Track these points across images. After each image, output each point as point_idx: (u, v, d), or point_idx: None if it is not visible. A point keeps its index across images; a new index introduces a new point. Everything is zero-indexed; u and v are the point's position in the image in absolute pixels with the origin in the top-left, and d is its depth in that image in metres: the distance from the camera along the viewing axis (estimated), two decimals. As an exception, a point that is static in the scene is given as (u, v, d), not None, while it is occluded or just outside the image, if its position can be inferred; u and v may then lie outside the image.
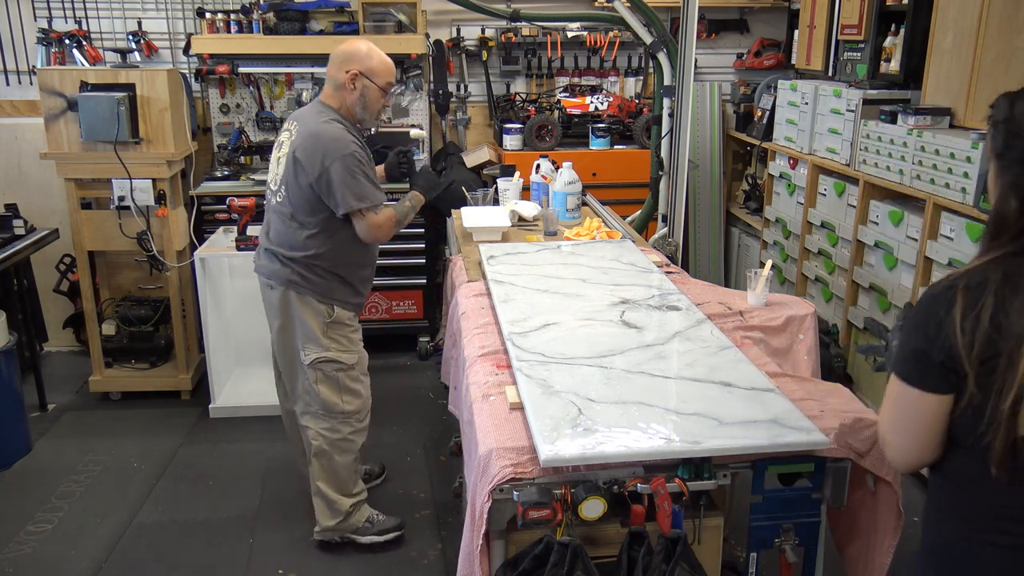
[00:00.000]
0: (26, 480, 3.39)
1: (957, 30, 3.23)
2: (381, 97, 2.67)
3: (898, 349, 1.35)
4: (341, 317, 2.74)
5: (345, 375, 2.75)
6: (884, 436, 1.39)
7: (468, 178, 4.44)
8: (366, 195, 2.57)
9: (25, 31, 4.55)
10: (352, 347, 2.78)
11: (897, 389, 1.34)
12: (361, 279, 2.81)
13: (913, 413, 1.32)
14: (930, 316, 1.27)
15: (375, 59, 2.62)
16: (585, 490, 1.57)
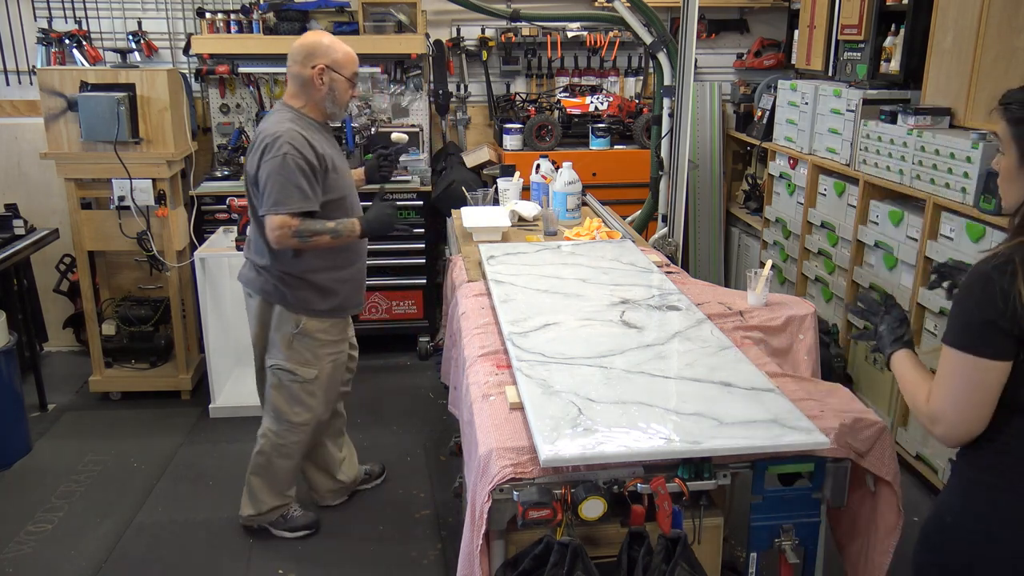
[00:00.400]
0: (26, 480, 3.39)
1: (957, 30, 3.23)
2: (350, 88, 2.66)
3: (959, 324, 1.42)
4: (309, 329, 2.71)
5: (300, 387, 2.76)
6: (939, 413, 1.44)
7: (468, 178, 4.44)
8: (282, 198, 2.48)
9: (25, 31, 4.55)
10: (315, 362, 2.75)
11: (961, 362, 1.40)
12: (335, 280, 2.73)
13: (980, 383, 1.39)
14: (995, 289, 1.36)
15: (339, 51, 2.61)
16: (585, 490, 1.57)
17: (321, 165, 2.56)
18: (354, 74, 2.66)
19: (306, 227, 2.52)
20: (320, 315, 2.72)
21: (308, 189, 2.51)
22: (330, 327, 2.77)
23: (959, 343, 1.41)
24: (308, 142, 2.52)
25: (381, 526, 3.06)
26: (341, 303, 2.77)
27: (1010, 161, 1.45)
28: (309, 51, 2.59)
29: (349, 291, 2.79)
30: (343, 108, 2.70)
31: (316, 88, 2.60)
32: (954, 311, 1.44)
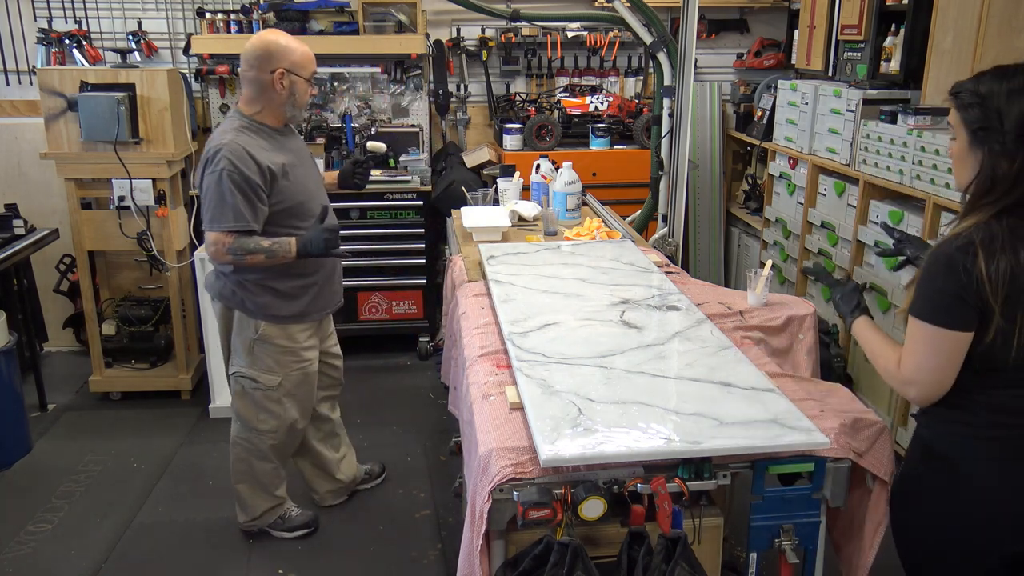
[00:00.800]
0: (26, 480, 3.39)
1: (957, 30, 3.23)
2: (309, 88, 2.62)
3: (927, 300, 1.59)
4: (269, 335, 2.65)
5: (263, 395, 2.71)
6: (913, 378, 1.63)
7: (468, 178, 4.44)
8: (217, 215, 2.45)
9: (25, 31, 4.55)
10: (278, 369, 2.69)
11: (931, 334, 1.58)
12: (297, 287, 2.66)
13: (947, 351, 1.59)
14: (959, 267, 1.54)
15: (297, 51, 2.55)
16: (585, 490, 1.57)
17: (266, 178, 2.48)
18: (313, 74, 2.62)
19: (240, 245, 2.46)
20: (281, 321, 2.66)
21: (244, 207, 2.44)
22: (296, 333, 2.70)
23: (929, 317, 1.59)
24: (249, 155, 2.45)
25: (381, 526, 3.06)
26: (305, 309, 2.70)
27: (961, 144, 1.63)
28: (266, 54, 2.51)
29: (315, 296, 2.72)
30: (303, 108, 2.65)
31: (276, 93, 2.53)
32: (921, 287, 1.61)
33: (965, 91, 1.62)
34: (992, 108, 1.57)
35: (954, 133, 1.65)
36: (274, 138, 2.60)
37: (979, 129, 1.59)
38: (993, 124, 1.57)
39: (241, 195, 2.43)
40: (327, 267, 2.74)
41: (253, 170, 2.44)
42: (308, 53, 2.60)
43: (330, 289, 2.80)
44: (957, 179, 1.68)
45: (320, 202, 2.69)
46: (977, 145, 1.60)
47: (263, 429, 2.76)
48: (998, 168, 1.56)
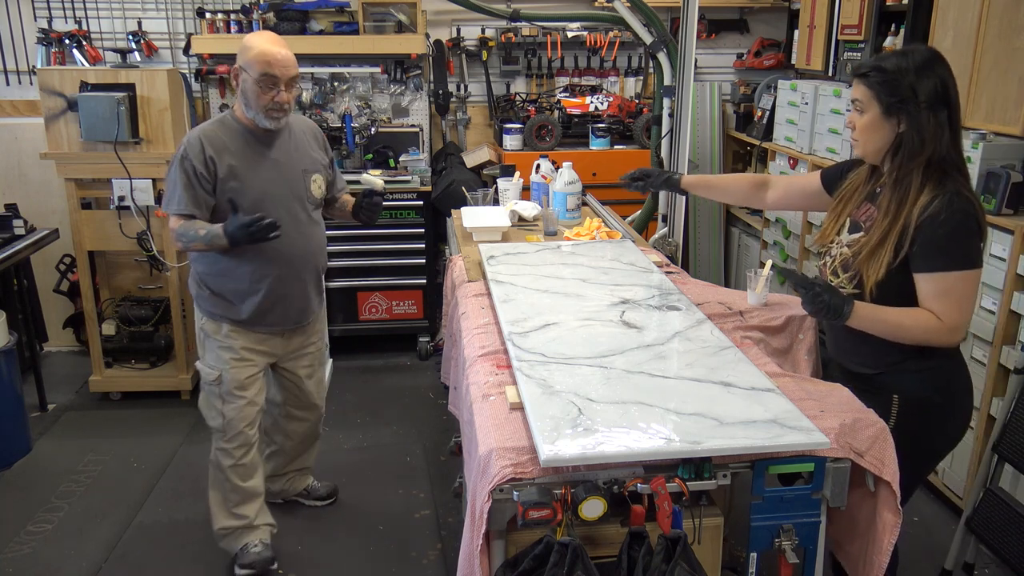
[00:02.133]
0: (26, 480, 3.39)
1: (957, 31, 3.23)
2: (260, 90, 2.46)
3: (962, 250, 1.85)
4: (208, 329, 2.66)
5: (207, 389, 2.70)
6: (960, 324, 1.88)
7: (468, 178, 4.44)
8: (169, 198, 2.53)
9: (25, 31, 4.56)
10: (216, 364, 2.67)
11: (971, 279, 1.87)
12: (232, 292, 2.62)
13: (976, 288, 1.91)
14: (976, 216, 1.87)
15: (252, 50, 2.47)
16: (585, 490, 1.57)
17: (210, 169, 2.49)
18: (262, 75, 2.45)
19: (183, 229, 2.49)
20: (216, 319, 2.66)
21: (184, 192, 2.49)
22: (233, 334, 2.65)
23: (969, 264, 1.86)
24: (203, 146, 2.48)
25: (381, 526, 3.06)
26: (246, 318, 2.63)
27: (873, 115, 1.92)
28: (239, 52, 2.53)
29: (258, 309, 2.63)
30: (261, 112, 2.50)
31: (237, 90, 2.54)
32: (945, 244, 1.84)
33: (874, 71, 1.90)
34: (905, 84, 1.86)
35: (864, 107, 1.93)
36: (245, 137, 2.56)
37: (896, 102, 1.87)
38: (908, 96, 1.86)
39: (185, 180, 2.48)
40: (278, 282, 2.62)
41: (198, 161, 2.47)
42: (265, 53, 2.45)
43: (284, 306, 2.68)
44: (865, 147, 1.97)
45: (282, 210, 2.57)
46: (891, 116, 1.89)
47: (213, 427, 2.73)
48: (922, 131, 1.87)
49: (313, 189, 2.70)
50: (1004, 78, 3.00)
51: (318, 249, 2.77)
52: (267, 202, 2.55)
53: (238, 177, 2.53)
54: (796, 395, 1.84)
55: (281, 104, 2.49)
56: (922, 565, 2.81)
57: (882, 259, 1.90)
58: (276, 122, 2.53)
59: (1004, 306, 2.81)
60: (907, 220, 1.88)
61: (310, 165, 2.70)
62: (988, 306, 2.88)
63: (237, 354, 2.66)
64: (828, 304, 1.90)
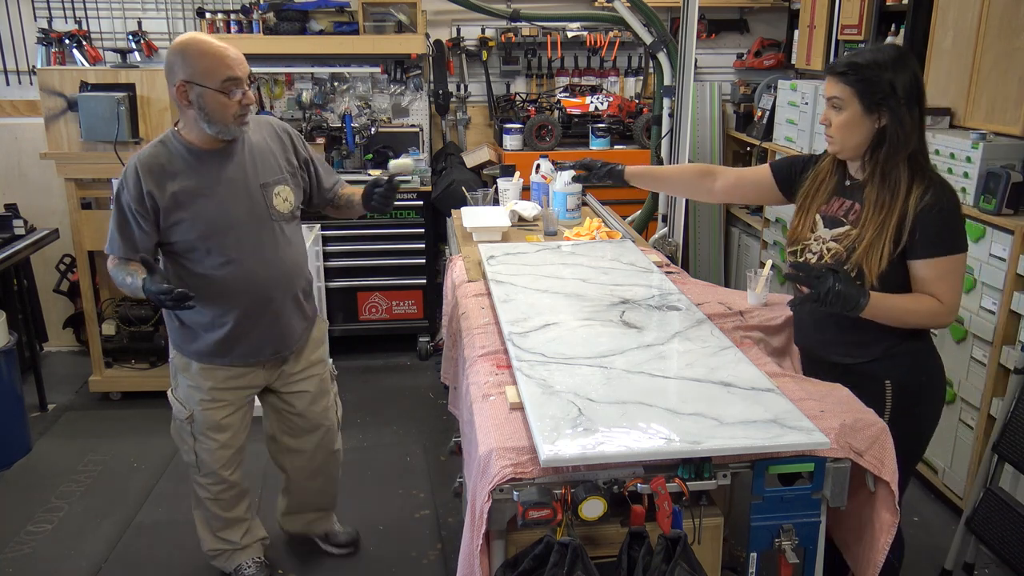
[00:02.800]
0: (26, 480, 3.39)
1: (957, 30, 3.23)
2: (226, 99, 2.15)
3: (956, 234, 1.94)
4: (178, 364, 2.44)
5: (178, 424, 2.50)
6: (956, 306, 1.96)
7: (468, 178, 4.44)
8: (109, 235, 2.30)
9: (25, 31, 4.56)
10: (186, 402, 2.46)
11: (962, 261, 1.95)
12: (198, 324, 2.36)
13: (964, 273, 1.99)
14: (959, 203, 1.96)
15: (198, 58, 2.12)
16: (585, 490, 1.57)
17: (145, 205, 2.21)
18: (226, 79, 2.14)
19: (115, 272, 2.28)
20: (185, 354, 2.42)
21: (116, 232, 2.26)
22: (203, 373, 2.41)
23: (963, 247, 1.94)
24: (139, 178, 2.21)
25: (381, 526, 3.06)
26: (212, 352, 2.38)
27: (853, 112, 1.94)
28: (169, 64, 2.16)
29: (228, 339, 2.36)
30: (229, 122, 2.19)
31: (186, 109, 2.19)
32: (949, 230, 1.92)
33: (846, 66, 1.94)
34: (884, 80, 1.90)
35: (842, 104, 1.96)
36: (188, 160, 2.26)
37: (878, 98, 1.91)
38: (887, 92, 1.90)
39: (118, 218, 2.25)
40: (244, 316, 2.35)
41: (134, 195, 2.21)
42: (220, 57, 2.14)
43: (254, 339, 2.40)
44: (844, 144, 1.99)
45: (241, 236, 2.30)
46: (872, 112, 1.93)
47: (186, 460, 2.55)
48: (904, 125, 1.91)
49: (277, 204, 2.37)
50: (1004, 78, 3.00)
51: (293, 270, 2.45)
52: (220, 231, 2.27)
53: (184, 206, 2.23)
54: (796, 395, 1.84)
55: (249, 104, 2.21)
56: (922, 565, 2.81)
57: (883, 251, 1.94)
58: (246, 127, 2.26)
59: (1004, 306, 2.81)
60: (903, 212, 1.92)
61: (271, 177, 2.36)
62: (988, 306, 2.88)
63: (207, 395, 2.43)
64: (844, 296, 1.87)
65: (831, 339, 2.08)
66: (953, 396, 3.07)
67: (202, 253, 2.29)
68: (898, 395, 2.01)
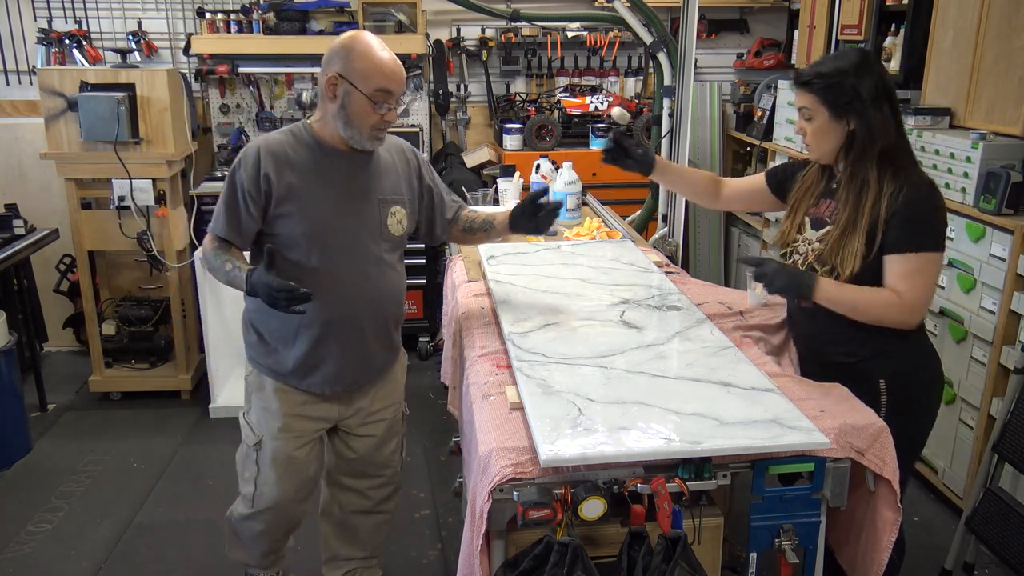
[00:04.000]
0: (26, 480, 3.39)
1: (957, 30, 3.23)
2: (372, 108, 2.05)
3: (931, 233, 1.93)
4: (253, 383, 2.26)
5: (246, 448, 2.30)
6: (920, 304, 1.95)
7: (468, 178, 4.44)
8: (214, 213, 2.15)
9: (25, 31, 4.55)
10: (258, 427, 2.25)
11: (935, 261, 1.95)
12: (276, 335, 2.17)
13: (937, 273, 1.98)
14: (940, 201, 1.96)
15: (363, 57, 2.03)
16: (585, 490, 1.57)
17: (259, 188, 2.06)
18: (380, 90, 2.03)
19: (211, 256, 2.12)
20: (261, 370, 2.24)
21: (224, 213, 2.11)
22: (278, 394, 2.22)
23: (937, 246, 1.94)
24: (259, 158, 2.06)
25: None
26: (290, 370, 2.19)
27: (822, 120, 1.98)
28: (329, 55, 2.08)
29: (304, 359, 2.17)
30: (365, 134, 2.09)
31: (328, 102, 2.08)
32: (919, 226, 1.92)
33: (813, 76, 1.98)
34: (848, 86, 1.93)
35: (811, 114, 2.00)
36: (317, 154, 2.13)
37: (844, 103, 1.94)
38: (852, 97, 1.93)
39: (230, 198, 2.09)
40: (329, 329, 2.15)
41: (251, 175, 2.06)
42: (383, 65, 2.04)
43: (336, 360, 2.19)
44: (819, 150, 2.04)
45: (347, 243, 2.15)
46: (841, 117, 1.96)
47: (242, 492, 2.36)
48: (872, 128, 1.94)
49: (391, 224, 2.21)
50: (1004, 78, 3.00)
51: (391, 297, 2.26)
52: (328, 233, 2.12)
53: (298, 198, 2.09)
54: (796, 395, 1.84)
55: (390, 123, 2.11)
56: (922, 565, 2.81)
57: (854, 251, 1.96)
58: (379, 143, 2.15)
59: (1004, 306, 2.81)
60: (876, 212, 1.94)
61: (391, 195, 2.22)
62: (988, 306, 2.88)
63: (281, 422, 2.22)
64: (794, 277, 1.99)
65: (825, 337, 2.08)
66: (953, 396, 3.07)
67: (303, 252, 2.11)
68: (892, 393, 2.01)
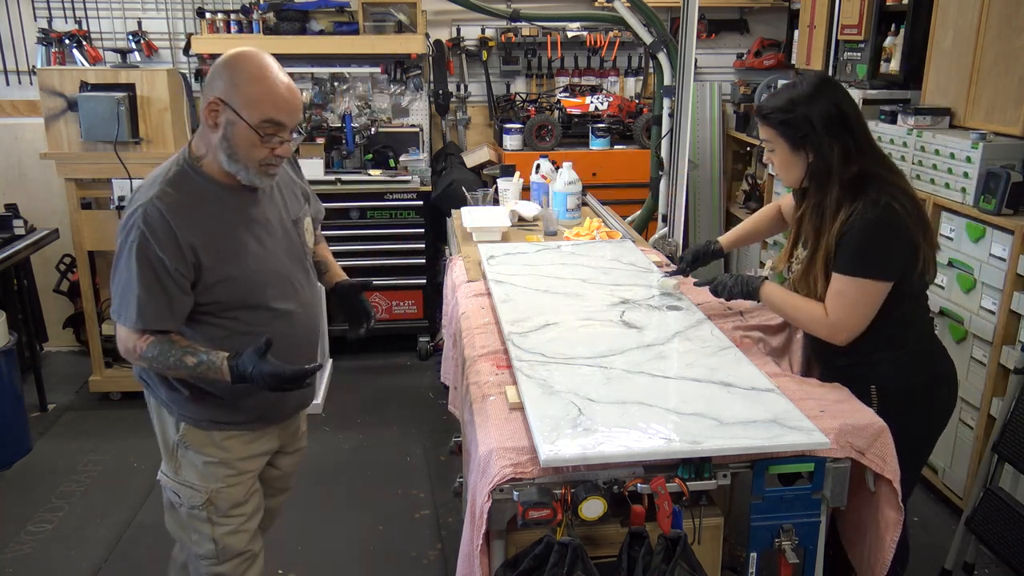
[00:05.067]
0: (26, 480, 3.39)
1: (957, 30, 3.23)
2: (259, 140, 1.75)
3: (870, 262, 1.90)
4: (190, 440, 1.95)
5: (188, 512, 2.00)
6: (844, 325, 1.94)
7: (468, 178, 4.44)
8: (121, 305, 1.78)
9: (25, 31, 4.55)
10: (201, 483, 1.96)
11: (870, 288, 1.91)
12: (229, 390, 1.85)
13: (879, 299, 1.93)
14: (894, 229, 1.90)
15: (249, 84, 1.73)
16: (585, 490, 1.57)
17: (187, 261, 1.76)
18: (268, 122, 1.74)
19: (157, 354, 1.77)
20: (207, 427, 1.94)
21: (148, 299, 1.74)
22: (229, 443, 1.96)
23: (864, 272, 1.90)
24: (169, 226, 1.73)
25: (381, 526, 3.06)
26: (240, 415, 1.95)
27: (783, 153, 2.00)
28: (213, 74, 1.77)
29: (264, 405, 1.96)
30: (252, 168, 1.79)
31: (209, 131, 1.78)
32: (860, 250, 1.90)
33: (773, 111, 1.97)
34: (801, 117, 1.93)
35: (772, 146, 2.02)
36: (224, 196, 1.84)
37: (800, 137, 1.95)
38: (807, 129, 1.94)
39: (147, 282, 1.74)
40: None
41: (170, 251, 1.73)
42: (274, 92, 1.75)
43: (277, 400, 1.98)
44: (787, 180, 2.06)
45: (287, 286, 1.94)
46: (799, 149, 1.97)
47: (199, 553, 2.06)
48: (827, 158, 1.94)
49: (308, 239, 2.06)
50: (1004, 78, 3.00)
51: (320, 309, 2.18)
52: (270, 283, 1.90)
53: (231, 259, 1.82)
54: (796, 395, 1.84)
55: (282, 157, 1.82)
56: (922, 565, 2.81)
57: (816, 278, 2.00)
58: (270, 180, 1.86)
59: (1004, 306, 2.81)
60: (828, 239, 1.97)
61: (299, 211, 2.03)
62: (988, 306, 2.88)
63: (233, 469, 1.99)
64: (741, 283, 2.11)
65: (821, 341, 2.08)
66: (953, 396, 3.07)
67: (247, 312, 1.87)
68: (884, 399, 1.99)
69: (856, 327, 1.95)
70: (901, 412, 1.98)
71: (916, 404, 2.04)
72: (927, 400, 2.06)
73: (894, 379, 2.01)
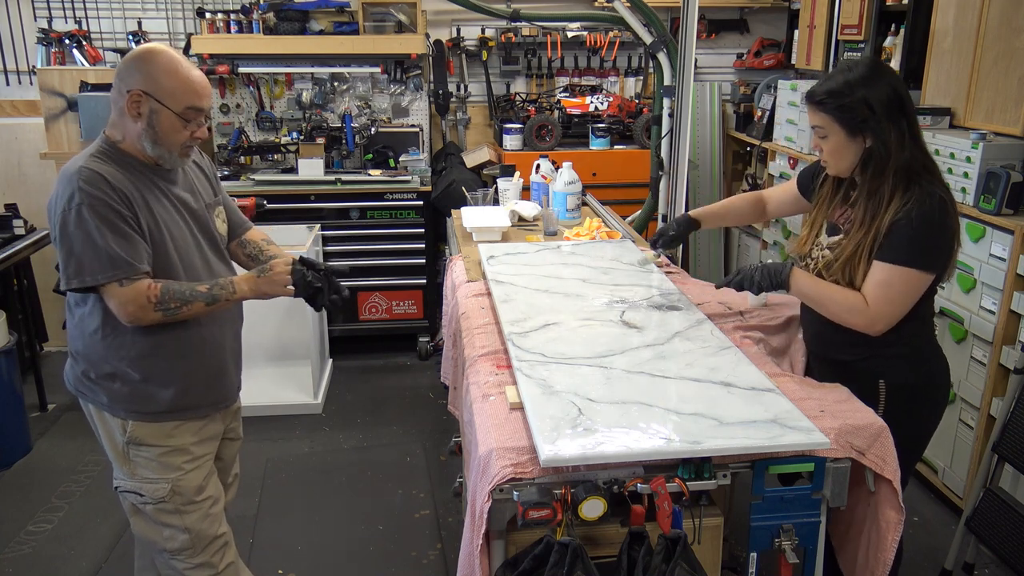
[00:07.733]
0: (26, 480, 3.39)
1: (957, 30, 3.23)
2: (181, 126, 1.92)
3: (922, 249, 1.88)
4: (140, 435, 2.01)
5: (155, 509, 2.07)
6: (883, 316, 1.92)
7: (468, 178, 4.44)
8: (94, 263, 1.83)
9: (25, 31, 4.55)
10: (161, 475, 2.04)
11: (914, 278, 1.89)
12: (163, 371, 1.98)
13: (919, 291, 1.92)
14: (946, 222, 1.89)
15: (167, 75, 1.88)
16: (585, 490, 1.57)
17: (133, 208, 1.88)
18: (191, 108, 1.91)
19: (171, 293, 1.88)
20: (151, 418, 2.01)
21: (120, 246, 1.83)
22: (180, 431, 2.05)
23: (918, 264, 1.88)
24: (109, 182, 1.84)
25: (381, 526, 3.06)
26: (183, 402, 2.03)
27: (838, 139, 1.94)
28: (127, 69, 1.90)
29: (193, 385, 2.04)
30: (174, 150, 1.94)
31: (131, 120, 1.91)
32: (909, 240, 1.87)
33: (825, 94, 1.93)
34: (860, 100, 1.88)
35: (825, 132, 1.96)
36: (146, 175, 1.95)
37: (858, 122, 1.90)
38: (866, 114, 1.89)
39: (110, 230, 1.82)
40: (213, 350, 2.07)
41: (117, 199, 1.84)
42: (192, 82, 1.91)
43: (222, 382, 2.13)
44: (837, 168, 2.01)
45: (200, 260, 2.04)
46: (856, 135, 1.92)
47: (173, 548, 2.10)
48: (887, 142, 1.89)
49: (219, 227, 2.15)
50: (1004, 78, 3.00)
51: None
52: (185, 256, 2.00)
53: (161, 229, 1.94)
54: (796, 395, 1.84)
55: (201, 139, 1.99)
56: (922, 565, 2.81)
57: (859, 268, 1.95)
58: (187, 160, 2.03)
59: (1004, 306, 2.81)
60: (879, 227, 1.92)
61: (210, 198, 2.14)
62: (988, 306, 2.88)
63: (189, 454, 2.06)
64: (769, 272, 2.04)
65: (832, 337, 2.08)
66: (953, 396, 3.07)
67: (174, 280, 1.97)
68: (892, 395, 2.00)
69: (895, 319, 1.92)
70: (907, 407, 2.01)
71: (921, 399, 2.04)
72: (931, 395, 2.07)
73: (905, 374, 2.01)
